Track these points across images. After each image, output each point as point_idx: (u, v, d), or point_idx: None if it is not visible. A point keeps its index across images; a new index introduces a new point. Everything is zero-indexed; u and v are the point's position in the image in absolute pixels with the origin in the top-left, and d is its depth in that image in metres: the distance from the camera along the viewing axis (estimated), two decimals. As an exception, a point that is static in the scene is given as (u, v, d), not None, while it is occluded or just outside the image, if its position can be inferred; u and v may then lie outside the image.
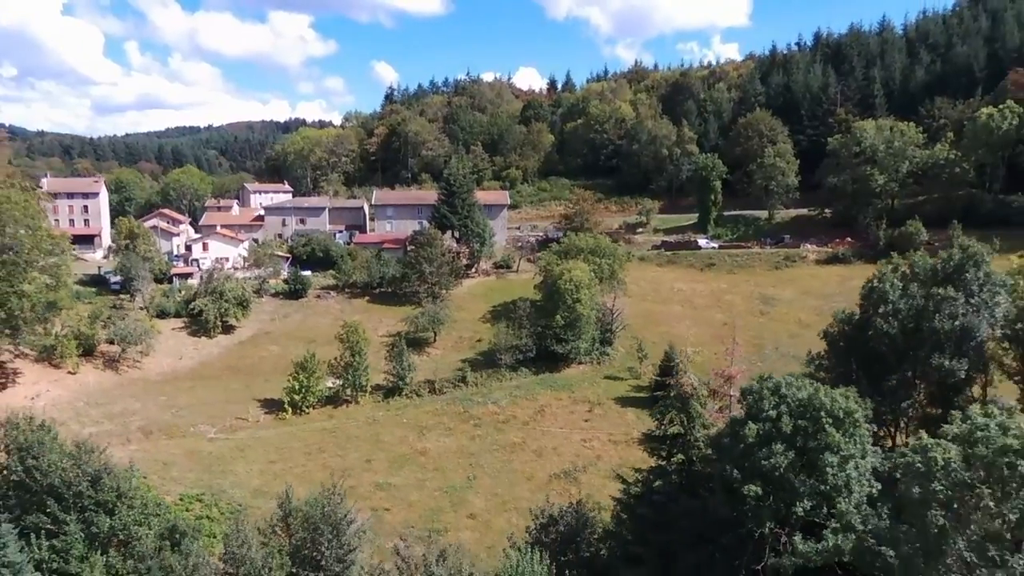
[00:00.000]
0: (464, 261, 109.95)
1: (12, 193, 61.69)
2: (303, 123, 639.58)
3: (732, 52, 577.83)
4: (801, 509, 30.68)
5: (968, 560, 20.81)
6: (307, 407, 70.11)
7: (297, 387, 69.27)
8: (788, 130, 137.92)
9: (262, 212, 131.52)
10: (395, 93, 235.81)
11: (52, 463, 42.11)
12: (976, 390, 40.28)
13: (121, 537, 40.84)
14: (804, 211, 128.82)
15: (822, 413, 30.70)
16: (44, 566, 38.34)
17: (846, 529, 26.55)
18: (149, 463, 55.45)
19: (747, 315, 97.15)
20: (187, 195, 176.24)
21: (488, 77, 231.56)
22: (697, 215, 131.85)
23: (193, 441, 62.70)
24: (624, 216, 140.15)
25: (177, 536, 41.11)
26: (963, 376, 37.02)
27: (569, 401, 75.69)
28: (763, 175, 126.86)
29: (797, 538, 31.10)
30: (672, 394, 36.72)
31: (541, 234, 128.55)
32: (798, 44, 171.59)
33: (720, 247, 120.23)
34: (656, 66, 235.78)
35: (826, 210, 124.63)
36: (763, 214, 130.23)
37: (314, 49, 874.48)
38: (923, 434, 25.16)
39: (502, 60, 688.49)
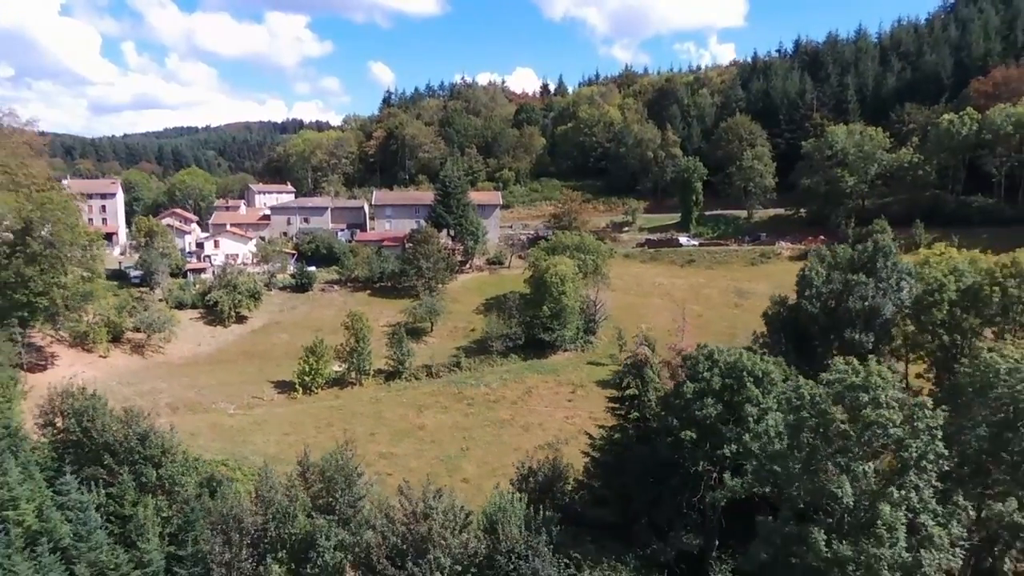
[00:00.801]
0: (459, 257, 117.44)
1: (54, 195, 68.65)
2: (300, 124, 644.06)
3: (729, 53, 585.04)
4: (728, 451, 37.99)
5: (830, 467, 28.18)
6: (316, 388, 77.28)
7: (307, 369, 76.45)
8: (767, 134, 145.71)
9: (267, 212, 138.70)
10: (392, 96, 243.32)
11: (106, 424, 49.39)
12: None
13: (166, 486, 48.01)
14: (781, 211, 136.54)
15: (744, 373, 38.07)
16: (102, 509, 45.42)
17: (748, 454, 33.86)
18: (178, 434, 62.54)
19: (723, 307, 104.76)
20: (192, 195, 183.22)
21: (484, 78, 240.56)
22: (680, 215, 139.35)
23: (215, 416, 69.84)
24: (611, 216, 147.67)
25: (214, 484, 48.48)
26: (870, 347, 44.37)
27: (555, 384, 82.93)
28: (742, 177, 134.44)
29: (726, 475, 38.43)
30: (629, 363, 43.98)
31: (532, 232, 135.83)
32: (779, 51, 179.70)
33: (700, 244, 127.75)
34: (646, 70, 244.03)
35: (801, 210, 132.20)
36: (742, 213, 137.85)
37: (310, 49, 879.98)
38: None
39: (499, 60, 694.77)
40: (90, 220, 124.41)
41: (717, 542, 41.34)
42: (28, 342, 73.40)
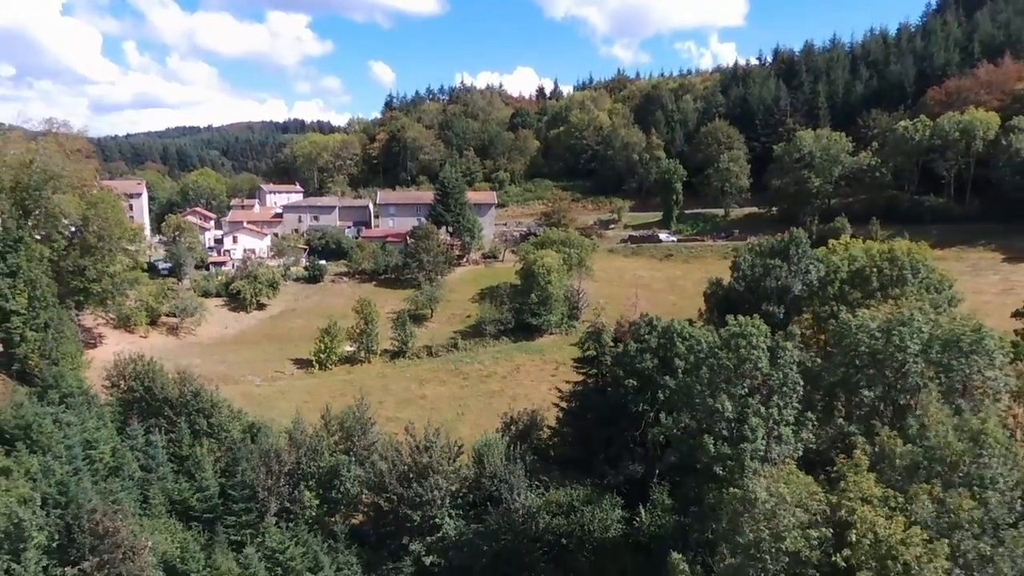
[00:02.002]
0: (456, 252, 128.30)
1: (104, 195, 79.37)
2: (302, 124, 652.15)
3: (729, 52, 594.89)
4: (662, 395, 48.81)
5: (720, 393, 38.99)
6: (330, 364, 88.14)
7: (323, 348, 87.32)
8: (744, 138, 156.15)
9: (279, 210, 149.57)
10: (394, 100, 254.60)
11: (164, 384, 60.45)
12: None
13: (216, 432, 58.85)
14: (755, 209, 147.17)
15: (675, 335, 48.88)
16: (164, 450, 56.27)
17: (664, 388, 44.75)
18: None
19: (695, 296, 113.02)
20: (204, 195, 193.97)
21: (485, 77, 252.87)
22: (662, 213, 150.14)
23: (244, 387, 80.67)
24: (599, 214, 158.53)
25: (255, 431, 59.51)
26: (781, 318, 54.98)
27: (540, 362, 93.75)
28: (719, 178, 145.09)
29: (662, 415, 49.16)
30: (590, 331, 54.83)
31: (525, 229, 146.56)
32: (759, 60, 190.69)
33: (678, 241, 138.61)
34: (638, 74, 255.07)
35: (773, 208, 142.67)
36: (720, 212, 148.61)
37: (311, 49, 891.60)
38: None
39: (500, 60, 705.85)
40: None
41: (657, 470, 52.15)
42: (80, 323, 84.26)
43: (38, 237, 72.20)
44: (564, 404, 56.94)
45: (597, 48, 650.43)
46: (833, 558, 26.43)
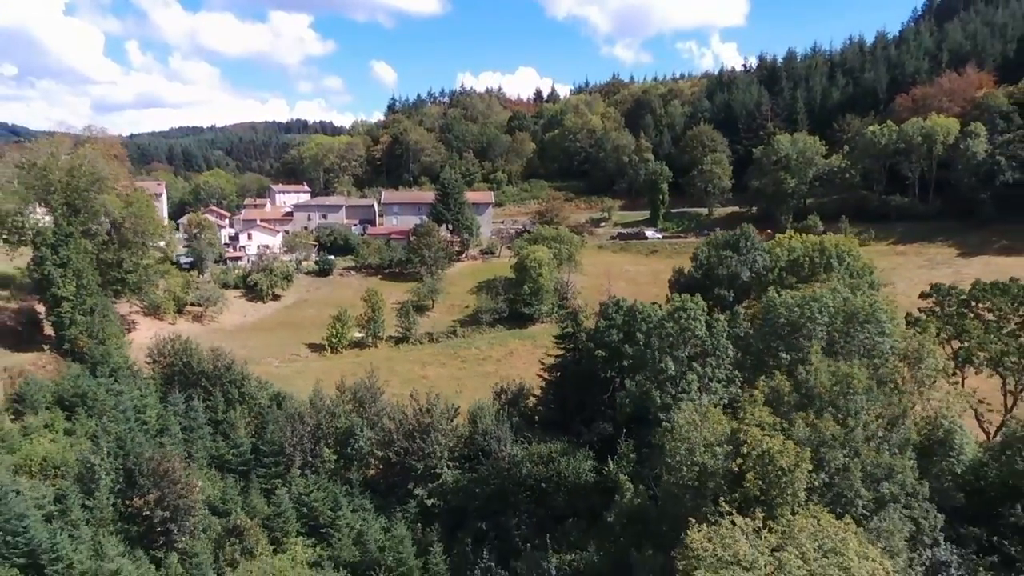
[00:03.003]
0: (456, 248, 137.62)
1: (138, 195, 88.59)
2: (305, 124, 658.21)
3: (731, 52, 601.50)
4: (626, 363, 58.00)
5: (665, 357, 48.26)
6: (341, 348, 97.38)
7: (334, 333, 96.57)
8: (728, 141, 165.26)
9: (289, 209, 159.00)
10: (397, 103, 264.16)
11: (200, 358, 69.74)
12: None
13: (246, 399, 68.14)
14: (737, 208, 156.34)
15: (636, 314, 58.08)
16: (203, 414, 65.44)
17: (626, 356, 54.04)
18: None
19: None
20: (215, 194, 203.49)
21: (487, 77, 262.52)
22: (649, 212, 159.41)
23: (265, 367, 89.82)
24: (590, 213, 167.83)
25: (280, 399, 68.78)
26: (731, 300, 64.06)
27: (532, 347, 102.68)
28: (702, 179, 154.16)
29: (627, 381, 58.34)
30: (568, 312, 64.10)
31: (520, 227, 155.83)
32: (744, 67, 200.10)
33: (663, 237, 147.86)
34: (632, 77, 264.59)
35: (752, 207, 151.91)
36: (704, 211, 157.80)
37: (313, 48, 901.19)
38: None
39: (502, 59, 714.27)
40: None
41: (624, 430, 61.37)
42: (115, 311, 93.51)
43: (82, 231, 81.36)
44: (546, 375, 66.15)
45: (599, 48, 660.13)
46: (731, 466, 35.66)
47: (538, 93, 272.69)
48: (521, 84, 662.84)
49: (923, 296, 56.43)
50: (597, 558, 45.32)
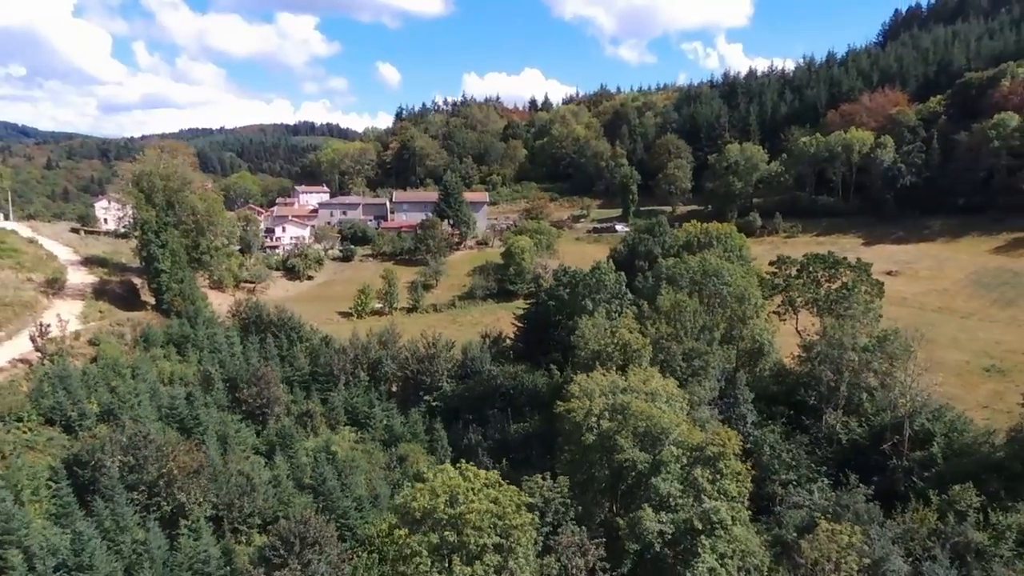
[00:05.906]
0: (456, 240, 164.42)
1: (210, 194, 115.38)
2: (312, 126, 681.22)
3: (736, 53, 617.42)
4: (568, 309, 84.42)
5: (586, 300, 74.96)
6: (364, 314, 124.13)
7: (359, 303, 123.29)
8: (692, 148, 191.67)
9: (313, 206, 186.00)
10: (404, 111, 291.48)
11: (269, 312, 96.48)
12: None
13: (303, 340, 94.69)
14: (695, 207, 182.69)
15: (575, 275, 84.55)
16: (272, 348, 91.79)
17: (567, 303, 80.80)
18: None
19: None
20: (242, 194, 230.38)
21: (492, 78, 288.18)
22: (621, 210, 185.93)
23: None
24: (572, 210, 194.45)
25: (328, 339, 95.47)
26: (646, 267, 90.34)
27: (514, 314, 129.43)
28: (667, 181, 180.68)
29: (570, 322, 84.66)
30: (532, 277, 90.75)
31: (510, 222, 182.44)
32: (710, 82, 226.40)
33: (631, 231, 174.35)
34: (619, 88, 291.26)
35: (708, 206, 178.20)
36: (668, 209, 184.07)
37: (318, 49, 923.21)
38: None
39: (507, 60, 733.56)
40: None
41: (571, 358, 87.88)
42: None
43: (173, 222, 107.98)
44: (517, 323, 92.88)
45: (604, 49, 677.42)
46: (609, 349, 62.19)
47: (533, 102, 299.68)
48: (524, 87, 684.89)
49: (771, 264, 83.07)
50: (535, 424, 71.96)
